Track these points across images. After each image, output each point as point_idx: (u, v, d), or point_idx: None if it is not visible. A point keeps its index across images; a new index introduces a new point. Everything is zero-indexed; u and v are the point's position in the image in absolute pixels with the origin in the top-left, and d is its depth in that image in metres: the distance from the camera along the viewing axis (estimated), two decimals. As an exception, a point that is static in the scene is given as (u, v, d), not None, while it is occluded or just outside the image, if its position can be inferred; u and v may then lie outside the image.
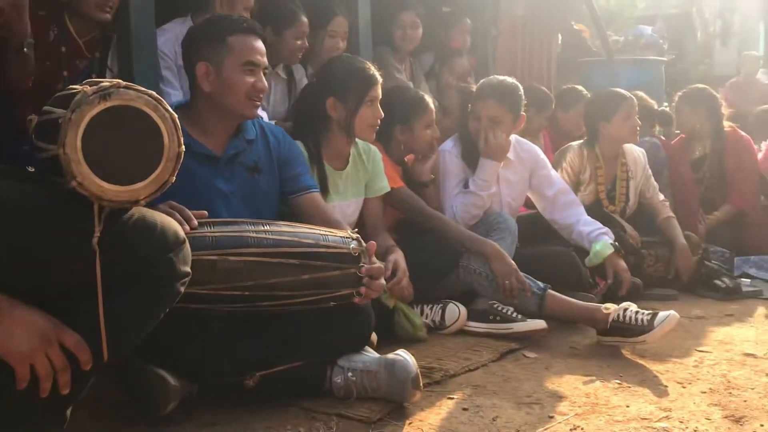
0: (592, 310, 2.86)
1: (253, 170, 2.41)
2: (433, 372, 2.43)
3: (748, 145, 4.65)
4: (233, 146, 2.38)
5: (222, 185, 2.33)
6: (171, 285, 1.57)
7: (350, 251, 2.14)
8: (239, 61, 2.29)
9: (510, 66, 5.77)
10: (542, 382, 2.42)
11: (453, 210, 3.31)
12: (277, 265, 2.03)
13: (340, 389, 2.16)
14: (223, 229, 2.04)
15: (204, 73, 2.29)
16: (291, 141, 2.59)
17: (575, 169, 3.94)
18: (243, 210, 2.35)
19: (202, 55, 2.29)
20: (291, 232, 2.12)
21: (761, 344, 2.87)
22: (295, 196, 2.52)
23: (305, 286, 2.08)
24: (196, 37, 2.35)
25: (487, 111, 3.35)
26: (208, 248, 1.96)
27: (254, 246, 2.02)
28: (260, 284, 2.02)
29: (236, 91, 2.29)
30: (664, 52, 11.16)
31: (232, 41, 2.29)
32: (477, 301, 3.01)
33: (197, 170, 2.26)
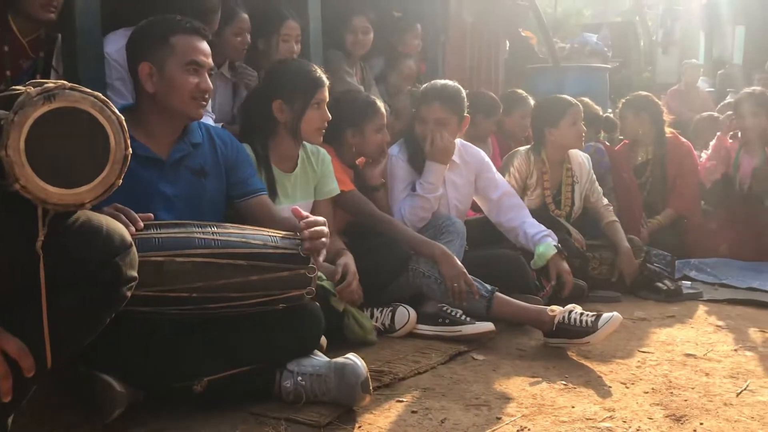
0: (538, 312, 2.90)
1: (200, 174, 2.39)
2: (382, 375, 2.44)
3: (689, 151, 4.79)
4: (179, 149, 2.35)
5: (166, 188, 2.30)
6: (117, 289, 1.55)
7: (299, 252, 2.14)
8: (182, 61, 2.26)
9: (459, 72, 5.83)
10: (490, 383, 2.45)
11: (401, 213, 3.34)
12: (225, 266, 2.02)
13: (290, 393, 2.15)
14: (169, 231, 2.02)
15: (147, 73, 2.26)
16: (238, 144, 2.57)
17: (522, 174, 4.00)
18: (187, 214, 2.31)
19: (145, 55, 2.27)
20: (239, 234, 2.10)
21: (701, 345, 2.96)
22: (243, 199, 2.50)
23: (254, 287, 2.07)
24: (139, 38, 2.32)
25: (432, 114, 3.39)
26: (155, 250, 1.94)
27: (201, 247, 2.00)
28: (208, 286, 2.00)
29: (180, 92, 2.26)
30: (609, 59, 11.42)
31: (175, 41, 2.27)
32: (426, 304, 3.04)
33: (141, 173, 2.23)
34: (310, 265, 2.15)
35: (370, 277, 2.88)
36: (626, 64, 16.84)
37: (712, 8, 17.12)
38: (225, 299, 2.05)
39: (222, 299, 2.04)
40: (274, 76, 2.91)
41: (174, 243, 1.98)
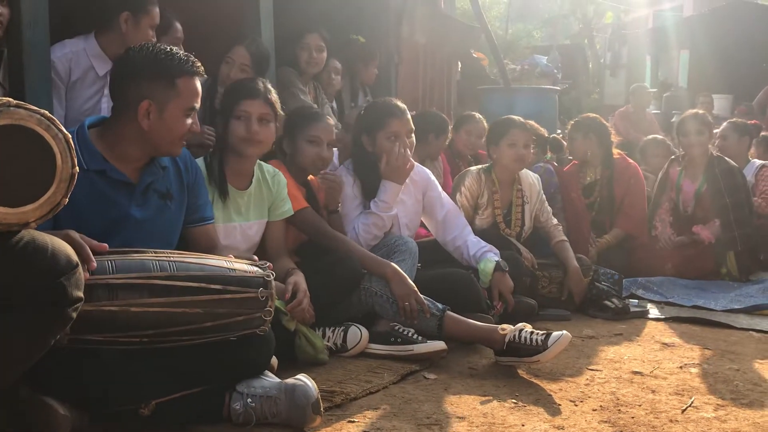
0: (489, 331, 2.92)
1: (166, 197, 2.36)
2: (334, 395, 2.42)
3: (636, 171, 4.89)
4: (149, 173, 2.31)
5: (136, 212, 2.27)
6: (62, 310, 1.51)
7: (257, 295, 2.11)
8: (185, 106, 2.24)
9: (412, 92, 5.90)
10: (441, 403, 2.45)
11: (355, 231, 3.34)
12: (180, 314, 1.99)
13: (239, 416, 2.12)
14: (125, 274, 1.95)
15: (145, 110, 2.19)
16: (197, 168, 2.55)
17: (473, 193, 4.04)
18: (155, 237, 2.31)
19: (147, 92, 2.19)
20: (197, 276, 2.04)
21: (648, 362, 3.01)
22: (193, 225, 2.49)
23: (208, 331, 2.05)
24: (142, 71, 2.21)
25: (405, 126, 3.41)
26: (109, 272, 1.90)
27: (157, 295, 1.96)
28: (161, 332, 1.98)
29: (174, 134, 2.25)
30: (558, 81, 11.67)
31: (181, 84, 2.22)
32: (379, 323, 3.03)
33: (113, 196, 2.20)
34: (267, 308, 2.14)
35: (322, 296, 2.87)
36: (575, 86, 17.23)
37: (658, 33, 17.61)
38: (176, 341, 2.02)
39: (173, 341, 2.02)
40: (225, 95, 2.94)
41: (128, 291, 1.93)
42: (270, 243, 3.02)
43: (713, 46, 13.73)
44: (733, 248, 4.66)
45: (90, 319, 1.83)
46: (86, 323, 1.82)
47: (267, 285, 2.15)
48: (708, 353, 3.17)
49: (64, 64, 3.03)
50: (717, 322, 3.72)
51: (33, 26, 2.74)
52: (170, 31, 3.49)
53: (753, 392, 2.64)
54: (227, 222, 2.88)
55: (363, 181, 3.47)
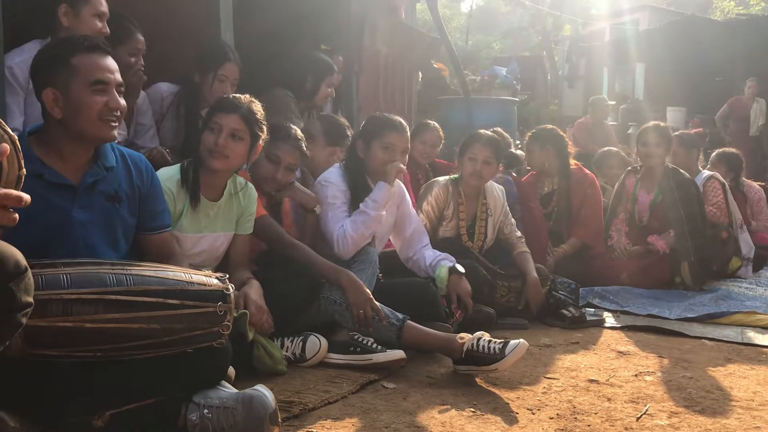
0: (447, 340, 2.93)
1: (114, 199, 2.31)
2: (292, 406, 2.41)
3: (593, 182, 4.96)
4: (91, 174, 2.25)
5: (79, 215, 2.21)
6: (11, 316, 1.47)
7: (216, 310, 2.09)
8: (87, 81, 2.16)
9: (373, 100, 5.91)
10: (400, 412, 2.46)
11: (342, 230, 3.31)
12: (137, 330, 1.96)
13: (195, 426, 2.10)
14: (80, 289, 1.91)
15: (52, 99, 2.15)
16: (153, 174, 2.49)
17: (439, 204, 4.07)
18: (102, 240, 2.27)
19: (48, 80, 2.16)
20: (155, 291, 2.01)
21: (604, 370, 3.05)
22: (150, 233, 2.45)
23: (165, 345, 2.03)
24: (40, 63, 2.21)
25: (403, 142, 3.51)
26: (63, 287, 1.87)
27: (113, 311, 1.93)
28: (117, 347, 1.95)
29: (88, 114, 2.16)
30: (518, 92, 11.78)
31: (76, 62, 2.16)
32: (338, 332, 3.02)
33: (53, 200, 2.14)
34: (225, 323, 2.12)
35: (281, 306, 2.86)
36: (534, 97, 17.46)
37: (616, 46, 17.92)
38: (132, 354, 2.00)
39: (129, 355, 1.99)
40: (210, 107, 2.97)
41: (82, 308, 1.90)
42: (233, 255, 3.00)
43: (669, 60, 14.04)
44: (686, 258, 4.74)
45: (44, 335, 1.81)
46: (41, 338, 1.79)
47: (226, 299, 2.13)
48: (662, 361, 3.22)
49: (22, 70, 2.97)
50: (671, 330, 3.78)
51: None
52: (129, 41, 3.42)
53: (706, 399, 2.69)
54: (195, 232, 2.85)
55: (350, 184, 3.47)
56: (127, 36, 3.41)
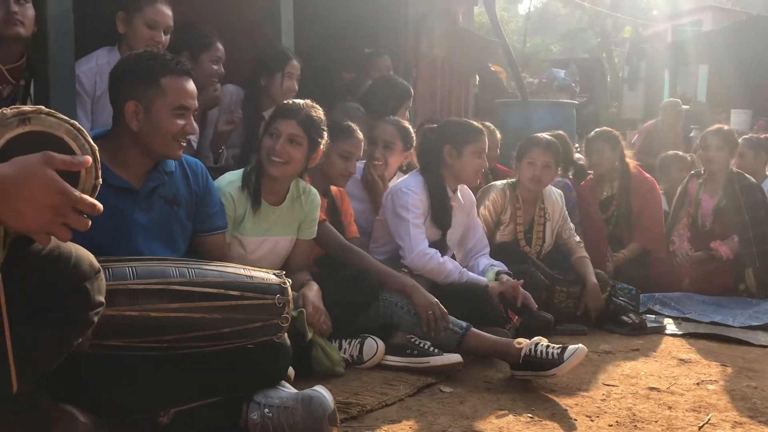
0: (505, 345, 2.92)
1: (172, 202, 2.39)
2: (350, 407, 2.44)
3: (653, 185, 4.88)
4: (152, 179, 2.34)
5: (140, 217, 2.30)
6: (85, 314, 1.54)
7: (275, 302, 2.14)
8: (171, 105, 2.25)
9: (430, 105, 5.92)
10: (457, 416, 2.46)
11: (432, 258, 3.35)
12: (199, 320, 2.02)
13: (256, 426, 2.14)
14: (146, 280, 1.98)
15: (133, 111, 2.23)
16: (208, 178, 2.56)
17: (497, 208, 4.06)
18: (162, 241, 2.34)
19: (132, 93, 2.23)
20: (216, 282, 2.08)
21: (664, 378, 3.00)
22: (205, 234, 2.51)
23: (226, 336, 2.08)
24: (127, 73, 2.28)
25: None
26: (129, 278, 1.95)
27: (177, 301, 1.99)
28: (180, 337, 2.01)
29: (164, 134, 2.26)
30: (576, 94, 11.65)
31: (165, 83, 2.25)
32: (395, 335, 3.04)
33: (115, 203, 2.22)
34: (284, 315, 2.16)
35: (340, 308, 2.89)
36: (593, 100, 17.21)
37: (677, 48, 17.56)
38: (194, 347, 2.05)
39: (191, 347, 2.05)
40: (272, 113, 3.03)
41: (149, 295, 1.97)
42: (293, 259, 3.05)
43: (732, 61, 13.69)
44: (751, 264, 4.63)
45: (111, 324, 1.87)
46: (107, 328, 1.85)
47: (284, 292, 2.18)
48: (725, 370, 3.15)
49: (89, 78, 3.07)
50: (735, 338, 3.70)
51: (59, 40, 2.79)
52: (211, 49, 3.54)
53: (771, 410, 2.63)
54: (257, 235, 2.90)
55: (431, 192, 3.49)
56: (209, 44, 3.53)
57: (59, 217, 1.34)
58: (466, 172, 3.54)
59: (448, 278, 3.37)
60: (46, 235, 1.36)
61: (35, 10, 2.83)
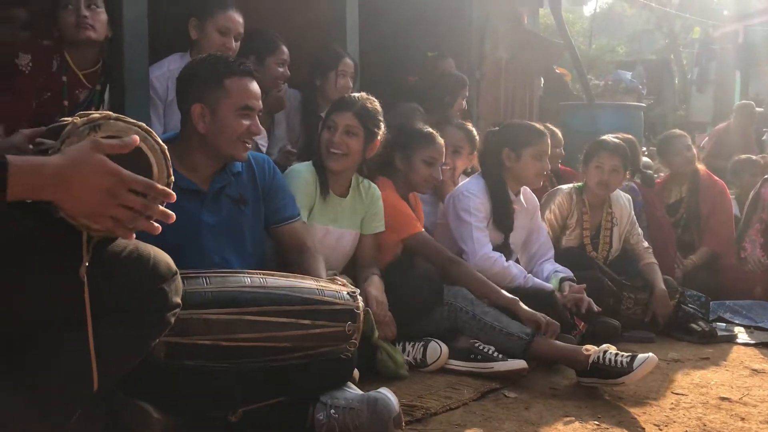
0: (573, 352, 2.89)
1: (239, 202, 2.44)
2: (414, 410, 2.44)
3: (722, 189, 4.76)
4: (219, 180, 2.40)
5: (208, 218, 2.35)
6: (162, 315, 1.59)
7: (345, 329, 2.16)
8: (236, 106, 2.30)
9: (493, 108, 5.88)
10: (522, 422, 2.44)
11: (497, 261, 3.33)
12: (270, 348, 2.06)
13: (323, 426, 2.16)
14: (220, 309, 2.01)
15: (199, 114, 2.29)
16: (276, 170, 2.62)
17: (563, 213, 4.01)
18: (228, 241, 2.39)
19: (198, 96, 2.30)
20: (288, 311, 2.10)
21: (736, 388, 2.92)
22: (278, 225, 2.57)
23: (294, 359, 2.12)
24: (192, 77, 2.35)
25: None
26: (201, 333, 1.99)
27: (248, 331, 2.03)
28: (250, 361, 2.07)
29: (230, 134, 2.31)
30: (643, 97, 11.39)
31: (229, 84, 2.30)
32: (459, 339, 3.03)
33: (183, 204, 2.26)
34: (352, 341, 2.19)
35: (404, 310, 2.90)
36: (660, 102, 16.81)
37: (749, 48, 17.04)
38: (264, 364, 2.11)
39: (261, 364, 2.11)
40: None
41: (222, 299, 2.02)
42: (359, 254, 3.09)
43: (808, 62, 13.21)
44: (827, 272, 4.46)
45: (184, 350, 1.94)
46: (180, 353, 1.94)
47: (355, 318, 2.19)
48: (802, 381, 3.04)
49: (162, 83, 3.15)
50: (811, 349, 3.58)
51: (133, 45, 2.87)
52: (277, 52, 3.60)
53: None
54: (323, 224, 2.96)
55: (492, 195, 3.48)
56: (275, 47, 3.59)
57: (115, 198, 1.39)
58: (526, 175, 3.51)
59: (512, 283, 3.34)
60: (110, 220, 1.40)
61: (111, 16, 2.92)
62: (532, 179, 3.55)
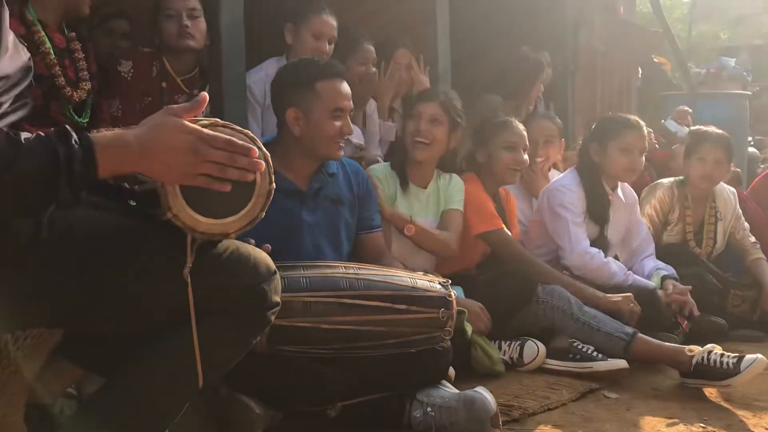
0: (675, 352, 2.80)
1: (336, 202, 2.53)
2: (511, 410, 2.42)
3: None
4: (317, 180, 2.48)
5: (307, 217, 2.44)
6: (263, 314, 1.62)
7: (438, 316, 2.17)
8: (329, 108, 2.38)
9: (589, 101, 5.76)
10: (624, 423, 2.38)
11: (596, 258, 3.27)
12: (366, 332, 2.10)
13: (419, 423, 2.18)
14: (318, 292, 2.08)
15: (294, 118, 2.38)
16: (367, 178, 2.70)
17: (664, 208, 3.88)
18: (326, 239, 2.48)
19: (292, 100, 2.39)
20: (383, 296, 2.14)
21: None
22: (365, 232, 2.63)
23: (390, 346, 2.14)
24: (285, 82, 2.45)
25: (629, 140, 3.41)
26: (303, 290, 2.06)
27: (346, 314, 2.08)
28: (347, 346, 2.11)
29: (324, 136, 2.39)
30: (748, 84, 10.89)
31: (321, 87, 2.38)
32: (556, 338, 2.98)
33: (285, 204, 2.36)
34: (447, 328, 2.19)
35: (496, 308, 2.88)
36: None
37: None
38: (361, 353, 2.14)
39: (358, 353, 2.14)
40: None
41: (320, 284, 2.09)
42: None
43: None
44: None
45: (285, 333, 1.99)
46: (282, 337, 1.99)
47: (448, 305, 2.20)
48: None
49: (259, 88, 3.22)
50: None
51: (230, 50, 2.95)
52: (358, 50, 3.55)
53: None
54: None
55: (587, 189, 3.41)
56: (355, 46, 3.54)
57: (199, 155, 1.42)
58: (614, 169, 3.41)
59: (611, 280, 3.25)
60: (201, 177, 1.44)
61: (208, 22, 3.01)
62: (621, 174, 3.44)
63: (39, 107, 2.50)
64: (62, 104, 2.54)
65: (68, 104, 2.55)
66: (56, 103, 2.54)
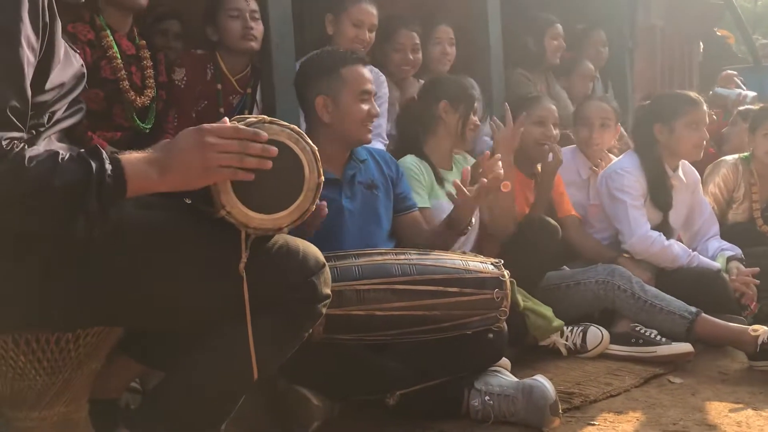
0: (739, 333, 2.73)
1: (371, 187, 2.55)
2: (572, 397, 2.39)
3: None
4: (350, 167, 2.51)
5: (347, 204, 2.46)
6: (314, 306, 1.64)
7: (493, 296, 2.17)
8: (355, 91, 2.41)
9: (649, 78, 5.61)
10: (689, 408, 2.33)
11: (658, 242, 3.19)
12: (420, 316, 2.10)
13: (478, 412, 2.18)
14: (371, 280, 2.09)
15: (323, 105, 2.40)
16: (396, 163, 2.73)
17: (729, 186, 3.76)
18: (368, 223, 2.50)
19: (319, 88, 2.41)
20: (436, 280, 2.14)
21: None
22: (401, 213, 2.64)
23: (446, 329, 2.15)
24: (311, 72, 2.47)
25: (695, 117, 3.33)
26: (355, 279, 2.07)
27: (399, 300, 2.09)
28: (403, 332, 2.11)
29: (353, 119, 2.41)
30: (820, 54, 10.44)
31: (345, 73, 2.41)
32: (618, 323, 2.93)
33: (325, 194, 2.35)
34: (502, 309, 2.19)
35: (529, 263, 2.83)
36: (841, 59, 15.33)
37: None
38: (417, 338, 2.15)
39: (414, 338, 2.14)
40: (437, 84, 3.13)
41: (372, 271, 2.10)
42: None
43: None
44: None
45: (340, 322, 2.01)
46: (337, 325, 2.00)
47: (502, 285, 2.19)
48: None
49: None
50: None
51: (281, 47, 2.96)
52: (395, 36, 3.48)
53: None
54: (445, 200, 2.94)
55: (647, 172, 3.32)
56: (392, 32, 3.49)
57: (209, 148, 1.45)
58: (684, 147, 3.31)
59: (675, 263, 3.18)
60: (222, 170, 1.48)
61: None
62: (691, 151, 3.33)
63: (102, 111, 2.59)
64: (125, 108, 2.61)
65: (132, 108, 2.62)
66: (119, 107, 2.61)
